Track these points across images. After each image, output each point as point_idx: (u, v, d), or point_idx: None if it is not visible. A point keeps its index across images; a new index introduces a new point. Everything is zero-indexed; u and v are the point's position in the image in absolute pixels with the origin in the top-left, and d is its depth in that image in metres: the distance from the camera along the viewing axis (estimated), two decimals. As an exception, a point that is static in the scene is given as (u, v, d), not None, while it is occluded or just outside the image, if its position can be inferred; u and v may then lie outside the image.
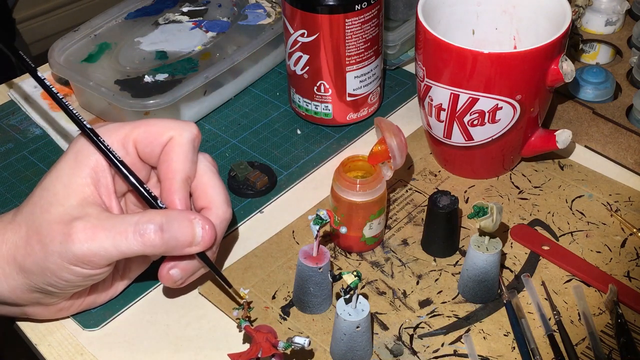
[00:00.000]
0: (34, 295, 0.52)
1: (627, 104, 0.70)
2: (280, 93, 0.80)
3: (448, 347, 0.55)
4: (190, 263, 0.54)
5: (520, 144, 0.66)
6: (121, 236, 0.50)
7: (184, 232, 0.51)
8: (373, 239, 0.62)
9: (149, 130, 0.54)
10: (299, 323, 0.57)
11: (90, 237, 0.49)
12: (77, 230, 0.49)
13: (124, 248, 0.50)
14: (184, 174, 0.54)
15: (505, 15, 0.69)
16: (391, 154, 0.58)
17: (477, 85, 0.61)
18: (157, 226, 0.50)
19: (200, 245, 0.52)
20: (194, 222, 0.52)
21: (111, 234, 0.49)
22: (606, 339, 0.55)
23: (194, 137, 0.55)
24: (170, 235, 0.51)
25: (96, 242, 0.49)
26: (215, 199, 0.55)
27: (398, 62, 0.82)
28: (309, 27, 0.68)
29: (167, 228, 0.51)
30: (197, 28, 0.82)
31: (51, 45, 0.77)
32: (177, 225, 0.51)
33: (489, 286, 0.57)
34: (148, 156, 0.55)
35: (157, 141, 0.54)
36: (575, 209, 0.65)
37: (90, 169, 0.52)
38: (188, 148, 0.54)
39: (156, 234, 0.50)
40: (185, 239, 0.51)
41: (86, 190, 0.51)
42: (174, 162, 0.54)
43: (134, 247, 0.50)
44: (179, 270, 0.54)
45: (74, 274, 0.50)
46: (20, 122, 0.77)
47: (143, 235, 0.50)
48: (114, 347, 0.56)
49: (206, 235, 0.52)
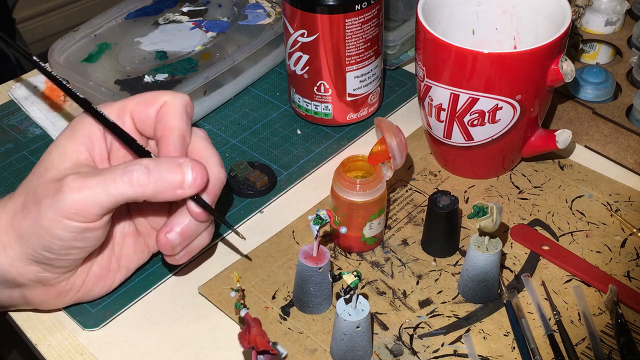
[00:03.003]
0: (33, 269, 0.53)
1: (627, 104, 0.70)
2: (280, 93, 0.80)
3: (448, 347, 0.55)
4: (188, 225, 0.54)
5: (520, 144, 0.66)
6: (110, 180, 0.50)
7: (172, 172, 0.51)
8: (373, 239, 0.62)
9: (143, 98, 0.56)
10: (299, 323, 0.57)
11: (81, 186, 0.50)
12: (68, 181, 0.50)
13: (113, 190, 0.50)
14: (180, 131, 0.55)
15: (505, 15, 0.69)
16: (391, 154, 0.58)
17: (477, 85, 0.61)
18: (144, 166, 0.51)
19: (192, 187, 0.52)
20: (183, 165, 0.52)
21: (100, 179, 0.50)
22: (606, 339, 0.55)
23: (187, 102, 0.56)
24: (159, 175, 0.51)
25: (87, 190, 0.50)
26: (208, 160, 0.55)
27: (398, 62, 0.82)
28: (309, 27, 0.68)
29: (154, 168, 0.51)
30: (197, 28, 0.82)
31: (51, 45, 0.77)
32: (165, 167, 0.52)
33: (489, 286, 0.57)
34: (144, 124, 0.56)
35: (151, 106, 0.56)
36: (575, 209, 0.65)
37: (85, 137, 0.54)
38: (182, 110, 0.56)
39: (143, 174, 0.51)
40: (174, 179, 0.51)
41: (80, 156, 0.53)
42: (169, 119, 0.55)
43: (123, 188, 0.50)
44: (177, 234, 0.53)
45: (67, 229, 0.50)
46: (20, 122, 0.77)
47: (130, 175, 0.51)
48: (114, 347, 0.56)
49: (197, 175, 0.52)
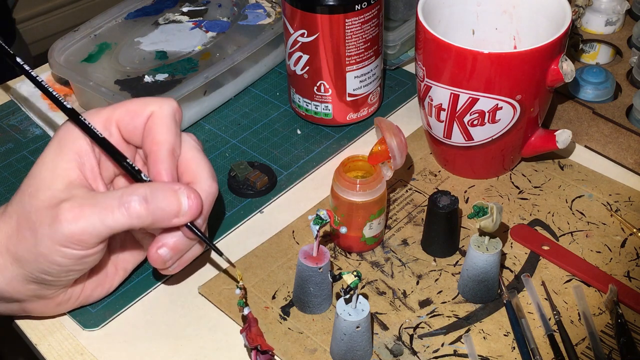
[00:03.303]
0: (30, 287, 0.52)
1: (627, 104, 0.70)
2: (280, 93, 0.80)
3: (448, 347, 0.55)
4: (179, 240, 0.53)
5: (520, 144, 0.66)
6: (107, 211, 0.50)
7: (169, 202, 0.51)
8: (373, 239, 0.62)
9: (129, 108, 0.55)
10: (299, 323, 0.57)
11: (78, 216, 0.49)
12: (64, 210, 0.49)
13: (111, 222, 0.50)
14: (168, 145, 0.54)
15: (505, 15, 0.69)
16: (391, 154, 0.58)
17: (477, 85, 0.61)
18: (141, 197, 0.51)
19: (188, 215, 0.52)
20: (179, 192, 0.52)
21: (97, 209, 0.50)
22: (606, 339, 0.55)
23: (175, 110, 0.55)
24: (156, 205, 0.51)
25: (83, 220, 0.49)
26: (199, 174, 0.55)
27: (398, 62, 0.82)
28: (308, 27, 0.68)
29: (151, 199, 0.51)
30: (197, 28, 0.82)
31: (51, 45, 0.77)
32: (162, 196, 0.51)
33: (489, 286, 0.57)
34: (131, 134, 0.55)
35: (138, 118, 0.54)
36: (575, 209, 0.65)
37: (74, 152, 0.53)
38: (170, 120, 0.55)
39: (141, 205, 0.50)
40: (171, 209, 0.51)
41: (71, 174, 0.52)
42: (158, 133, 0.54)
43: (121, 220, 0.50)
44: (168, 249, 0.53)
45: (65, 257, 0.50)
46: (20, 122, 0.77)
47: (128, 207, 0.50)
48: (114, 347, 0.56)
49: (192, 204, 0.52)
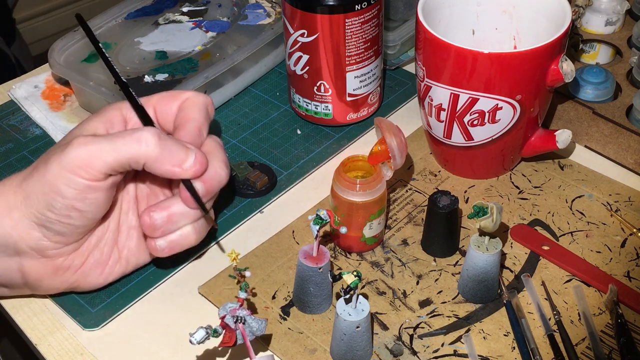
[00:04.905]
0: (34, 235, 0.53)
1: (627, 104, 0.70)
2: (280, 93, 0.80)
3: (448, 347, 0.55)
4: (175, 210, 0.54)
5: (520, 144, 0.66)
6: (119, 137, 0.52)
7: (178, 149, 0.53)
8: (373, 239, 0.62)
9: (167, 94, 0.59)
10: (299, 323, 0.57)
11: (89, 141, 0.51)
12: (77, 139, 0.52)
13: (121, 145, 0.51)
14: (197, 123, 0.56)
15: (505, 15, 0.69)
16: (391, 154, 0.58)
17: (477, 85, 0.61)
18: (155, 132, 0.52)
19: (190, 169, 0.53)
20: (190, 149, 0.54)
21: (109, 136, 0.52)
22: (606, 339, 0.55)
23: (208, 102, 0.58)
24: (165, 144, 0.52)
25: (93, 145, 0.51)
26: (214, 158, 0.56)
27: (398, 62, 0.82)
28: (308, 27, 0.68)
29: (164, 138, 0.53)
30: (197, 28, 0.82)
31: (51, 45, 0.77)
32: (173, 142, 0.53)
33: (489, 286, 0.57)
34: (165, 118, 0.58)
35: (174, 101, 0.58)
36: (575, 209, 0.65)
37: (107, 117, 0.57)
38: (203, 107, 0.58)
39: (153, 136, 0.52)
40: (178, 156, 0.53)
41: (98, 130, 0.55)
42: (189, 112, 0.57)
43: (130, 146, 0.51)
44: (161, 215, 0.54)
45: (70, 185, 0.51)
46: (20, 122, 0.77)
47: (139, 136, 0.52)
48: (114, 347, 0.56)
49: (197, 162, 0.54)
